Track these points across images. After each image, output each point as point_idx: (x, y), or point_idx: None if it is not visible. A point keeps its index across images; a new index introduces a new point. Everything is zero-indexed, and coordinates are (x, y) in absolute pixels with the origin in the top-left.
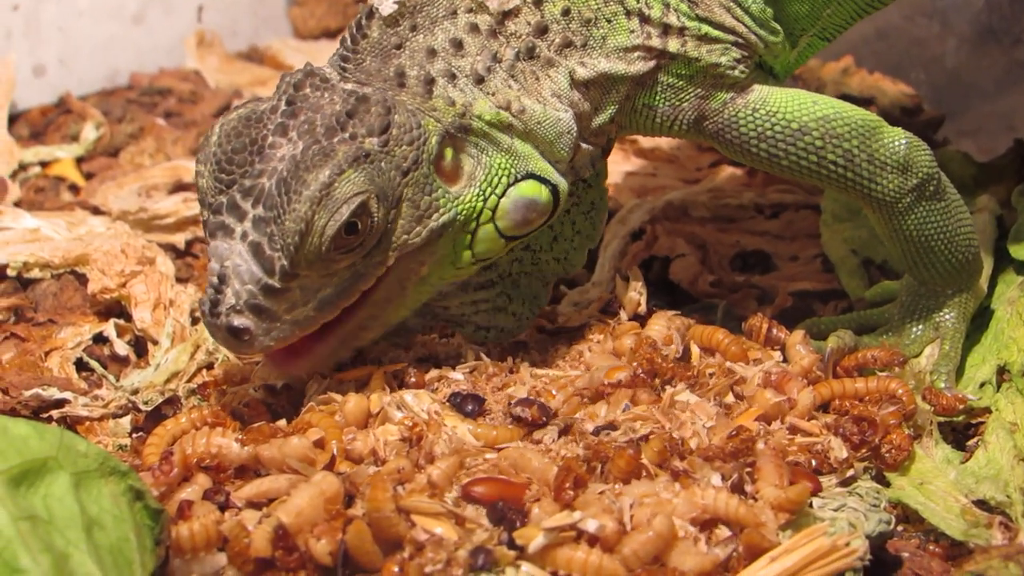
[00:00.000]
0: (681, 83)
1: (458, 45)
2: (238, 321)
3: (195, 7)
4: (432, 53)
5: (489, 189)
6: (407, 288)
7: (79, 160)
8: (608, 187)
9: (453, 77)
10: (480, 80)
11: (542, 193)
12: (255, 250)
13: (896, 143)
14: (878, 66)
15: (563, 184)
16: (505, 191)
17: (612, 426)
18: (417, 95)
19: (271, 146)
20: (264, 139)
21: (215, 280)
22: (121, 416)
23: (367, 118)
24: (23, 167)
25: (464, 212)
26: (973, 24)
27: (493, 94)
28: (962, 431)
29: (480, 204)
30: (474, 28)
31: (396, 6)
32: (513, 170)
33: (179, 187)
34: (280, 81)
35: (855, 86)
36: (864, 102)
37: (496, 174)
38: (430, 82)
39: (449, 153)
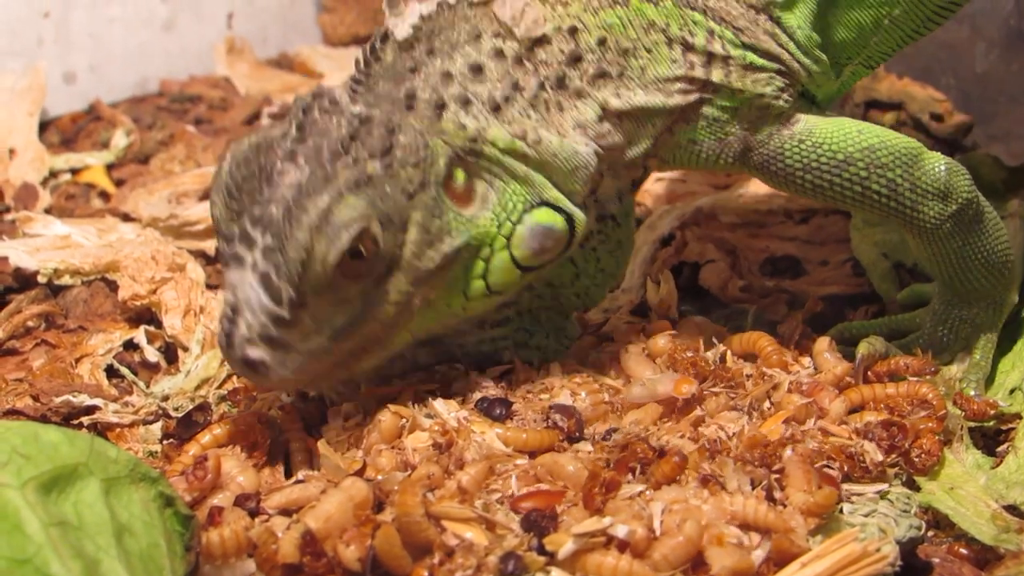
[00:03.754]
0: (726, 116)
1: (477, 70)
2: (253, 353)
3: (225, 14)
4: (448, 77)
5: (504, 214)
6: (412, 312)
7: (109, 167)
8: (635, 201)
9: (467, 103)
10: (496, 108)
11: (557, 221)
12: (264, 280)
13: (936, 169)
14: (907, 71)
15: (579, 215)
16: (520, 218)
17: (645, 439)
18: (425, 118)
19: (280, 173)
20: (273, 166)
21: (229, 311)
22: (151, 423)
23: (369, 140)
24: (54, 174)
25: (478, 236)
26: (1002, 29)
27: (509, 123)
28: (992, 437)
29: (494, 229)
30: (499, 54)
31: (412, 30)
32: (528, 197)
33: (209, 194)
34: (293, 104)
35: (884, 91)
36: (893, 107)
37: (511, 199)
38: (441, 106)
39: (461, 175)
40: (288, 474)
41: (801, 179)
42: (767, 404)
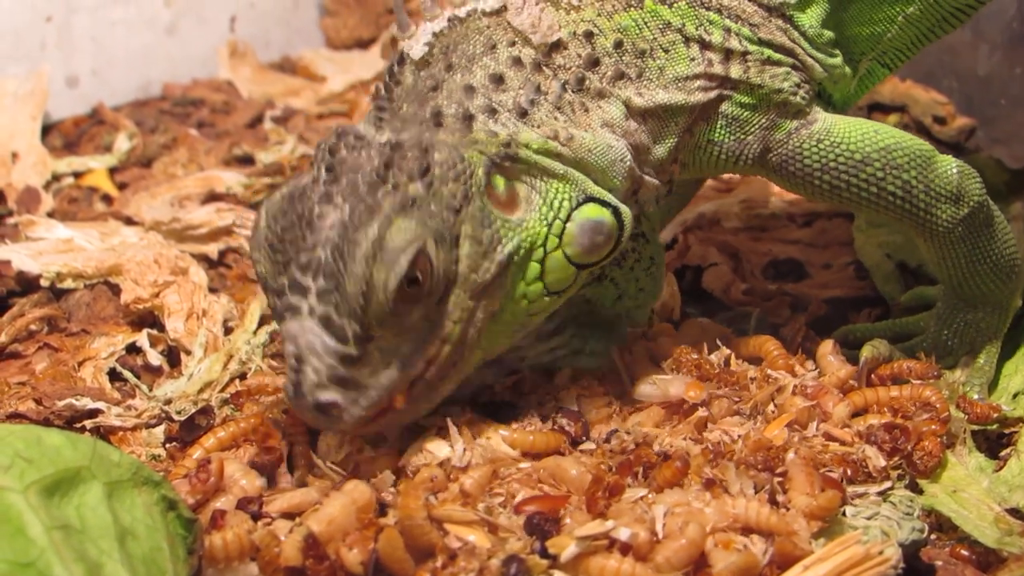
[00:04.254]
0: (746, 114)
1: (498, 80)
2: (324, 396)
3: (228, 18)
4: (470, 90)
5: (552, 214)
6: (481, 327)
7: (112, 170)
8: None
9: (494, 112)
10: (523, 114)
11: (606, 215)
12: (325, 322)
13: (949, 172)
14: (910, 74)
15: (625, 209)
16: (569, 215)
17: (646, 441)
18: (455, 131)
19: (319, 216)
20: (311, 211)
21: (293, 362)
22: (154, 426)
23: (405, 164)
24: (56, 178)
25: (529, 239)
26: (1005, 32)
27: (538, 126)
28: (995, 440)
29: (544, 229)
30: (516, 62)
31: (426, 48)
32: (573, 194)
33: (212, 197)
34: (316, 149)
35: (887, 94)
36: (896, 110)
37: (556, 198)
38: (469, 118)
39: (501, 182)
40: (292, 477)
41: (819, 179)
42: (771, 408)
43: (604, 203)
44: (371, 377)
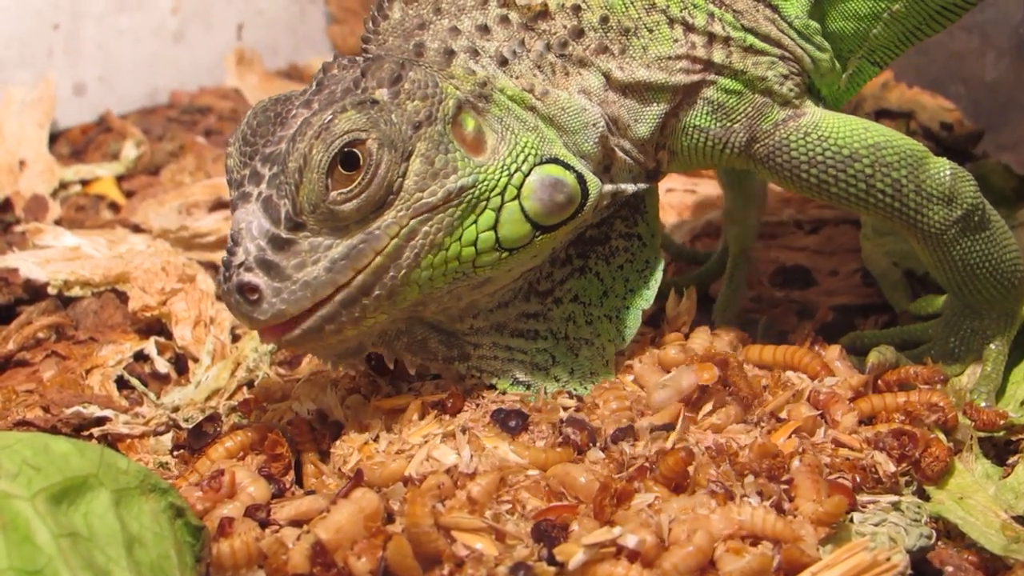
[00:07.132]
0: (731, 100)
1: (484, 30)
2: (247, 277)
3: (235, 25)
4: (456, 31)
5: (514, 165)
6: (419, 253)
7: (119, 178)
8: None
9: (475, 54)
10: (504, 62)
11: (568, 177)
12: (266, 204)
13: (942, 173)
14: (917, 80)
15: (591, 177)
16: (531, 169)
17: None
18: (435, 63)
19: (293, 116)
20: (288, 111)
21: (230, 244)
22: (162, 433)
23: (379, 73)
24: (64, 185)
25: (485, 182)
26: (1012, 38)
27: (516, 77)
28: (1002, 447)
29: (504, 179)
30: (504, 20)
31: None
32: (539, 151)
33: (219, 205)
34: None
35: (894, 100)
36: (903, 116)
37: (521, 151)
38: (449, 53)
39: (470, 123)
40: (299, 485)
41: (806, 173)
42: (784, 414)
43: (567, 166)
44: (297, 270)
